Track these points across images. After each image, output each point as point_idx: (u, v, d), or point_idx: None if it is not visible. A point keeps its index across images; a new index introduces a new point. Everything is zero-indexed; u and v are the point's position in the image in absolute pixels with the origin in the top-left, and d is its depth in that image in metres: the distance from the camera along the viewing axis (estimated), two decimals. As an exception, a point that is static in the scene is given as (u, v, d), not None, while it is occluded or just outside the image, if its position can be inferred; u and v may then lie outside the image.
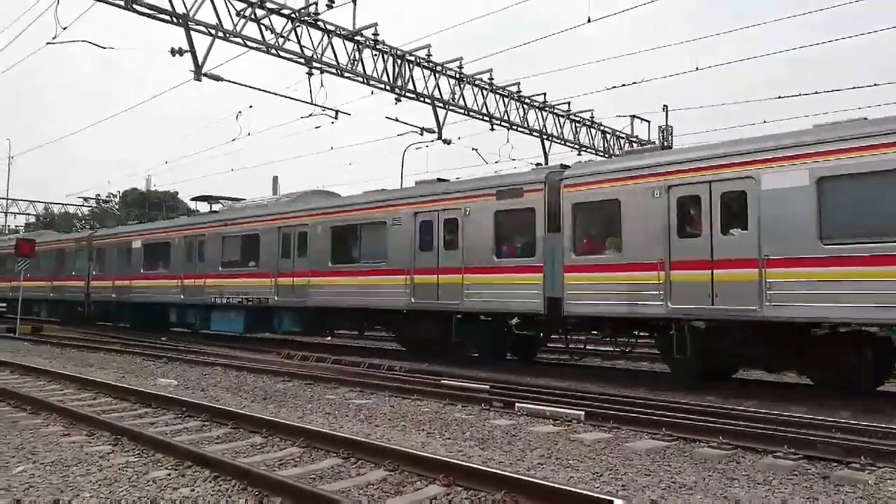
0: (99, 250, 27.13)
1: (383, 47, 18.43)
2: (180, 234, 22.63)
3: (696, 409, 9.02)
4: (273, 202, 20.38)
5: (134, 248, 24.91)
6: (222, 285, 20.35)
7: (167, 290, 22.69)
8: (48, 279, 29.88)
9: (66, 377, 12.12)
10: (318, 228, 17.61)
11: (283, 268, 18.41)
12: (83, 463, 6.31)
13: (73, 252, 28.82)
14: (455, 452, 6.83)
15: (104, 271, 26.47)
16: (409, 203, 15.50)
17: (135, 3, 14.09)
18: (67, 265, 29.09)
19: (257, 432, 7.53)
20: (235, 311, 20.21)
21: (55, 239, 31.81)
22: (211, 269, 20.94)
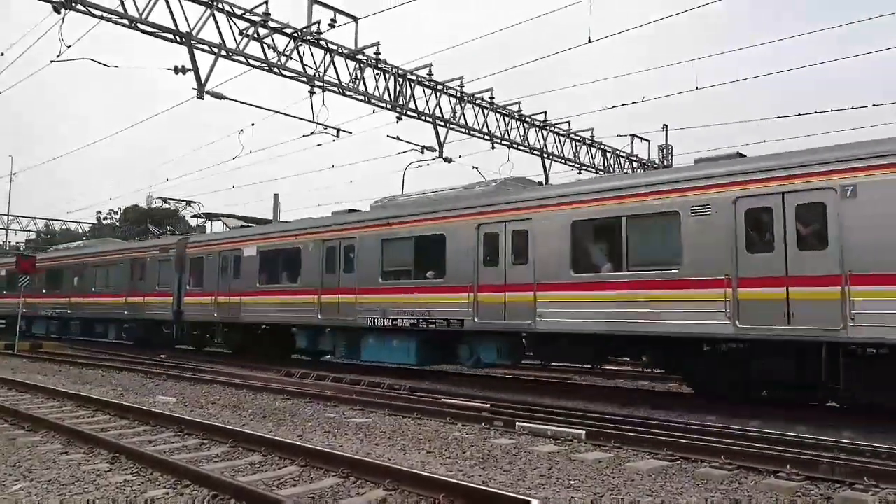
0: (194, 259, 22.48)
1: (385, 66, 18.55)
2: (316, 238, 18.00)
3: (697, 429, 8.97)
4: (466, 192, 15.95)
5: (246, 257, 20.26)
6: (384, 302, 15.84)
7: (296, 308, 18.23)
8: (121, 294, 25.47)
9: (64, 394, 12.06)
10: (549, 225, 13.11)
11: (486, 278, 14.05)
12: (81, 481, 6.26)
13: (157, 262, 24.01)
14: (455, 472, 6.78)
15: (202, 285, 21.79)
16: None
17: (139, 23, 14.20)
18: (149, 278, 24.26)
19: (256, 451, 7.48)
20: (403, 337, 15.77)
21: (130, 247, 26.98)
22: (365, 283, 16.46)
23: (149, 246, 25.32)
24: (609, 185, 12.67)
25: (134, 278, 25.12)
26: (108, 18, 13.96)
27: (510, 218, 13.82)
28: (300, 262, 18.34)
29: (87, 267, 28.23)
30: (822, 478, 6.51)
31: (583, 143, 25.99)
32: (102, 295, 26.76)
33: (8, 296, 31.85)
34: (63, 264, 29.99)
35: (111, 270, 26.67)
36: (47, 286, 30.31)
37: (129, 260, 25.75)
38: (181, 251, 23.00)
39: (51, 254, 32.58)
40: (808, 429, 9.28)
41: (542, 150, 24.26)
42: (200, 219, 29.42)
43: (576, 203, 12.78)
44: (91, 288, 27.38)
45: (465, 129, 21.34)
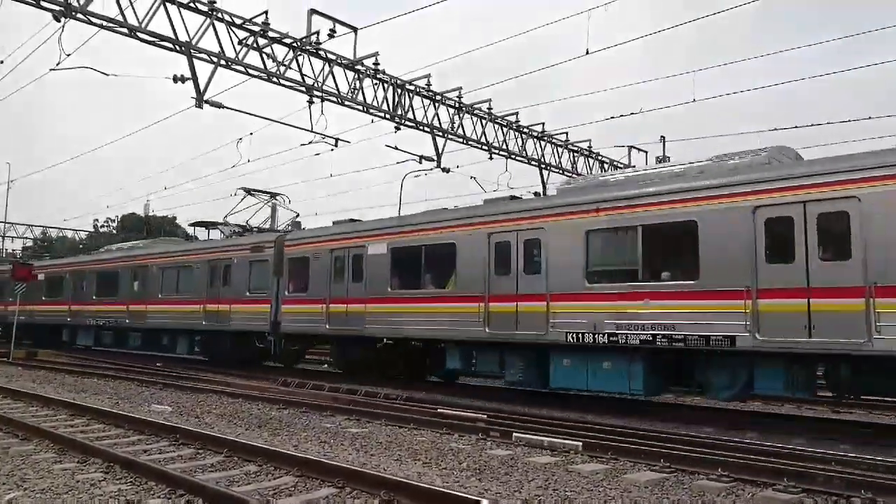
0: (296, 260, 18.86)
1: (383, 76, 18.63)
2: (477, 230, 14.38)
3: (695, 441, 8.96)
4: (718, 165, 12.12)
5: (372, 256, 16.58)
6: (595, 312, 12.17)
7: (449, 319, 14.53)
8: (197, 301, 21.64)
9: (58, 403, 12.00)
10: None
11: (769, 279, 10.35)
12: (75, 490, 6.22)
13: (248, 263, 20.29)
14: (452, 483, 6.75)
15: (307, 290, 18.23)
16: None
17: (139, 31, 14.25)
18: (237, 282, 20.50)
19: (252, 460, 7.44)
20: (621, 359, 12.12)
21: (211, 246, 22.86)
22: (560, 286, 12.76)
23: (237, 245, 21.15)
24: None
25: (215, 283, 21.15)
26: (107, 27, 14.01)
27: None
28: (454, 261, 14.69)
29: (150, 270, 24.29)
30: (820, 490, 6.50)
31: (580, 153, 26.07)
32: (173, 302, 22.80)
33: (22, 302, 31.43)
34: (118, 266, 26.08)
35: (184, 273, 22.76)
36: (98, 291, 27.00)
37: (208, 261, 21.66)
38: (279, 250, 19.30)
39: (102, 255, 29.27)
40: (806, 441, 9.26)
41: (540, 161, 24.34)
42: (199, 227, 29.24)
43: None
44: (157, 294, 23.56)
45: (464, 139, 21.43)
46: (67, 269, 29.95)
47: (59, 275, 30.23)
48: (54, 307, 29.53)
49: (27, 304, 29.78)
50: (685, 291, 11.26)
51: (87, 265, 28.63)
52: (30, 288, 29.77)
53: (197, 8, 15.04)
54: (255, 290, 20.01)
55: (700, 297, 11.03)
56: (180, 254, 23.88)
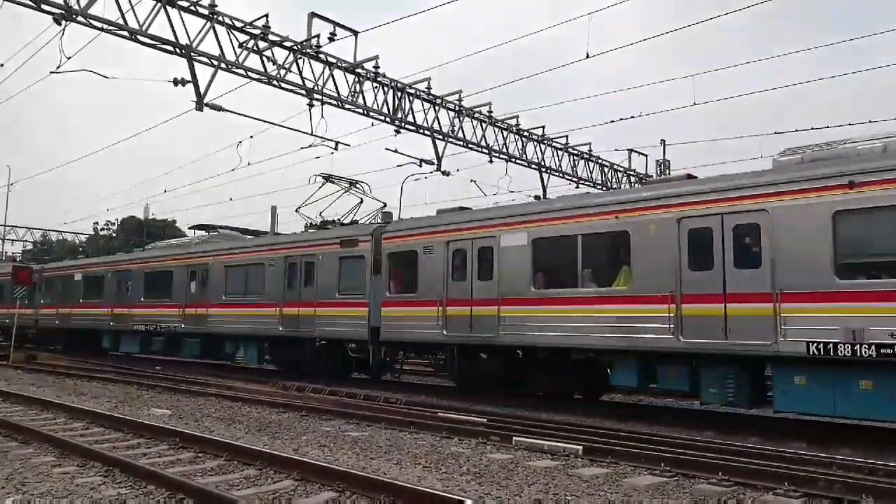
0: (399, 255, 16.04)
1: (384, 80, 18.64)
2: (656, 214, 11.82)
3: (695, 445, 8.94)
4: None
5: (505, 248, 13.78)
6: (850, 315, 9.49)
7: (620, 324, 11.96)
8: (272, 304, 18.93)
9: (58, 406, 11.98)
10: None
11: None
12: (74, 494, 6.20)
13: (337, 260, 17.47)
14: (452, 487, 6.74)
15: (416, 290, 15.39)
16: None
17: (139, 35, 14.26)
18: (323, 281, 17.71)
19: (251, 464, 7.42)
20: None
21: (289, 240, 19.88)
22: (797, 282, 10.10)
23: (322, 239, 18.35)
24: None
25: (295, 282, 18.54)
26: (108, 30, 14.02)
27: None
28: (626, 253, 12.17)
29: (212, 268, 21.46)
30: (821, 494, 6.49)
31: (580, 157, 26.10)
32: (240, 304, 20.12)
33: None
34: (172, 265, 23.31)
35: (254, 272, 19.86)
36: (147, 293, 24.39)
37: (284, 257, 18.92)
38: (377, 244, 16.60)
39: (151, 252, 26.22)
40: (807, 445, 9.24)
41: (540, 164, 24.36)
42: (199, 230, 29.19)
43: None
44: (220, 296, 20.81)
45: (464, 142, 21.45)
46: (109, 268, 27.02)
47: (100, 274, 27.37)
48: (94, 310, 26.85)
49: (61, 307, 28.71)
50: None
51: (134, 264, 25.59)
52: (65, 289, 28.80)
53: (197, 11, 15.06)
54: (346, 290, 17.18)
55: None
56: (250, 250, 20.62)
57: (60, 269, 30.76)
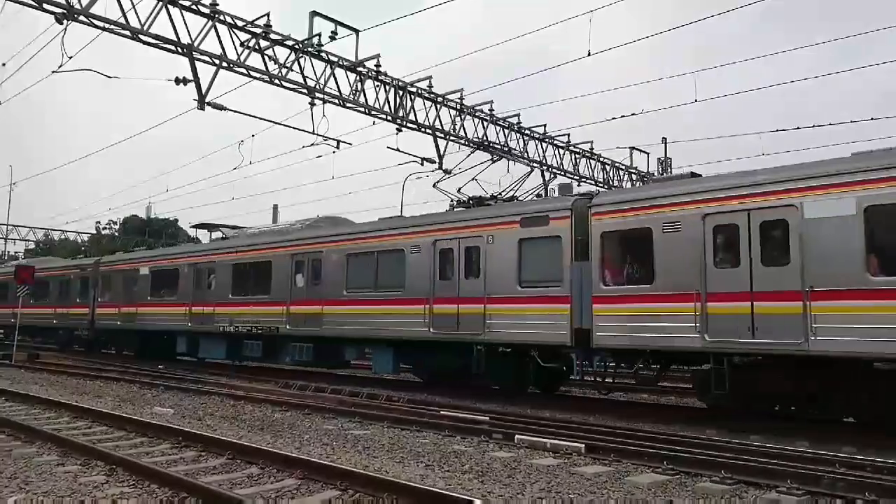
0: (619, 235, 12.63)
1: (385, 78, 18.63)
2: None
3: (697, 443, 8.93)
4: None
5: (812, 221, 10.16)
6: None
7: None
8: (418, 300, 15.28)
9: (61, 405, 12.00)
10: None
11: None
12: (77, 493, 6.22)
13: (514, 243, 13.87)
14: (454, 485, 6.74)
15: (653, 281, 11.84)
16: None
17: (140, 34, 14.26)
18: (494, 271, 14.10)
19: (254, 463, 7.44)
20: None
21: (437, 222, 15.69)
22: None
23: (492, 217, 14.57)
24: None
25: (451, 272, 14.84)
26: (109, 30, 14.02)
27: None
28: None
29: (327, 257, 17.82)
30: (824, 493, 6.48)
31: (582, 155, 26.07)
32: (368, 301, 16.42)
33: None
34: (269, 255, 19.62)
35: (388, 261, 16.26)
36: (236, 288, 20.70)
37: (433, 241, 15.23)
38: (581, 222, 12.97)
39: (238, 240, 22.07)
40: (809, 443, 9.23)
41: (542, 163, 24.33)
42: (201, 229, 29.22)
43: None
44: (340, 291, 17.12)
45: (465, 140, 21.41)
46: (187, 260, 23.07)
47: (173, 268, 23.65)
48: (166, 309, 23.28)
49: (124, 306, 25.32)
50: None
51: (220, 254, 21.77)
52: (129, 284, 25.37)
53: (199, 10, 15.05)
54: (532, 282, 13.58)
55: None
56: (383, 234, 16.79)
57: (123, 263, 27.07)
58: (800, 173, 10.49)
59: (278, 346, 19.43)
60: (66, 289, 29.89)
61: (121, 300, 25.84)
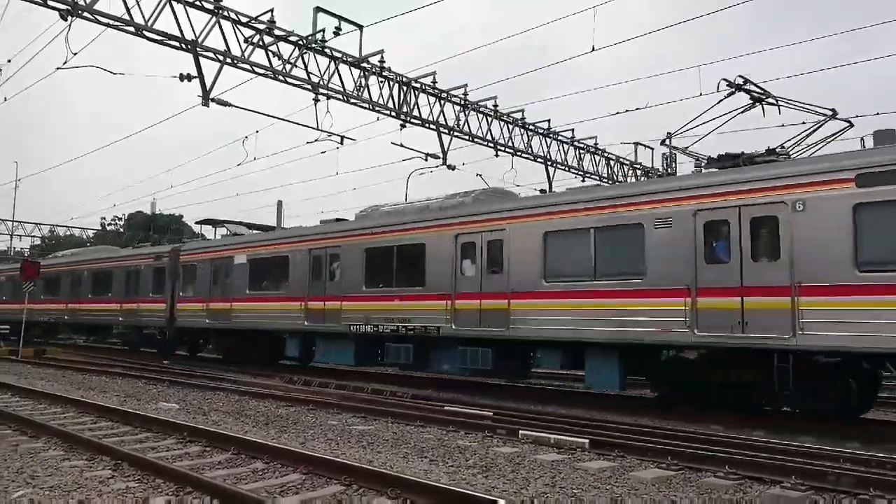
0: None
1: (389, 74, 18.63)
2: None
3: (701, 438, 8.93)
4: None
5: None
6: None
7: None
8: (667, 291, 11.51)
9: (67, 400, 12.06)
10: None
11: None
12: (83, 488, 6.24)
13: (843, 212, 9.80)
14: (458, 480, 6.75)
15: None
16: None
17: (145, 30, 14.28)
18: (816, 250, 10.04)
19: (259, 458, 7.46)
20: None
21: (706, 185, 11.48)
22: None
23: (810, 172, 10.37)
24: None
25: (723, 254, 11.04)
26: (114, 26, 14.05)
27: None
28: None
29: (511, 235, 13.88)
30: (828, 488, 6.47)
31: (586, 150, 26.03)
32: (579, 293, 12.64)
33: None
34: (420, 236, 15.68)
35: (612, 239, 12.50)
36: (371, 278, 16.87)
37: (693, 212, 11.36)
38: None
39: (372, 220, 17.66)
40: (813, 439, 9.22)
41: (546, 158, 24.30)
42: (205, 225, 29.26)
43: None
44: (536, 280, 13.34)
45: (469, 136, 21.42)
46: (299, 245, 19.05)
47: (280, 255, 19.61)
48: (273, 304, 19.41)
49: (214, 301, 21.44)
50: None
51: (347, 237, 17.67)
52: (219, 276, 21.39)
53: (203, 6, 15.07)
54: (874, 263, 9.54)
55: None
56: (603, 203, 12.64)
57: (211, 250, 22.75)
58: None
59: (436, 350, 15.63)
60: (134, 281, 25.64)
61: (209, 294, 21.87)
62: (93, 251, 33.25)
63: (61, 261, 32.25)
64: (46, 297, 30.60)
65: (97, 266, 28.56)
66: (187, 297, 23.03)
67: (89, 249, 35.87)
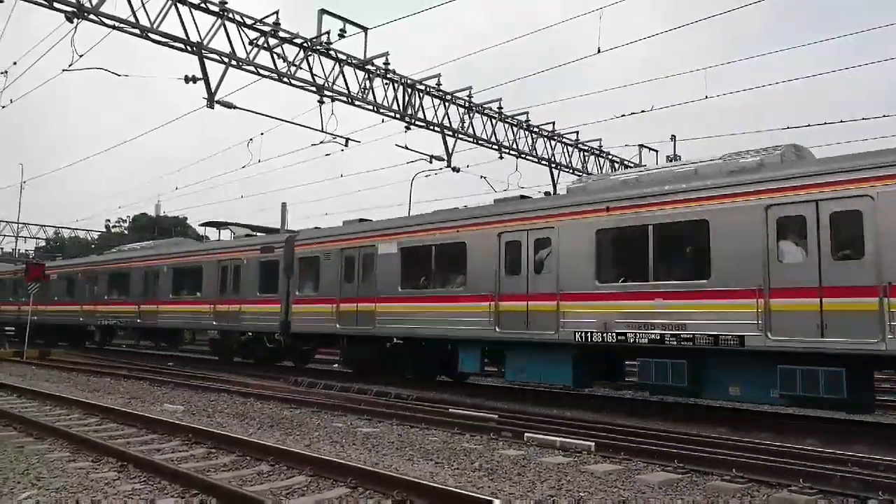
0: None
1: (394, 76, 18.64)
2: None
3: (708, 441, 8.90)
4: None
5: None
6: None
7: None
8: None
9: (72, 402, 12.07)
10: None
11: None
12: (89, 490, 6.24)
13: None
14: (465, 483, 6.73)
15: None
16: None
17: (150, 32, 14.31)
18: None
19: (264, 460, 7.45)
20: None
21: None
22: None
23: None
24: None
25: None
26: (119, 28, 14.08)
27: None
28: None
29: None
30: (836, 491, 6.44)
31: (591, 153, 26.00)
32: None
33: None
34: (656, 215, 11.64)
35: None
36: (605, 269, 12.61)
37: None
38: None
39: (586, 196, 13.12)
40: (819, 442, 9.19)
41: (551, 160, 24.29)
42: (210, 227, 29.21)
43: None
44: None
45: (474, 138, 21.42)
46: (481, 228, 14.57)
47: (449, 243, 15.30)
48: (443, 306, 15.11)
49: (346, 301, 17.21)
50: None
51: (562, 214, 13.15)
52: (361, 269, 17.07)
53: (208, 8, 15.10)
54: None
55: None
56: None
57: (340, 239, 18.09)
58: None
59: (729, 370, 11.17)
60: (233, 277, 21.27)
61: (339, 292, 17.55)
62: (171, 243, 28.62)
63: (129, 255, 27.61)
64: (110, 297, 27.17)
65: (182, 261, 24.08)
66: (305, 297, 18.73)
67: (166, 242, 29.99)
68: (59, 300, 30.26)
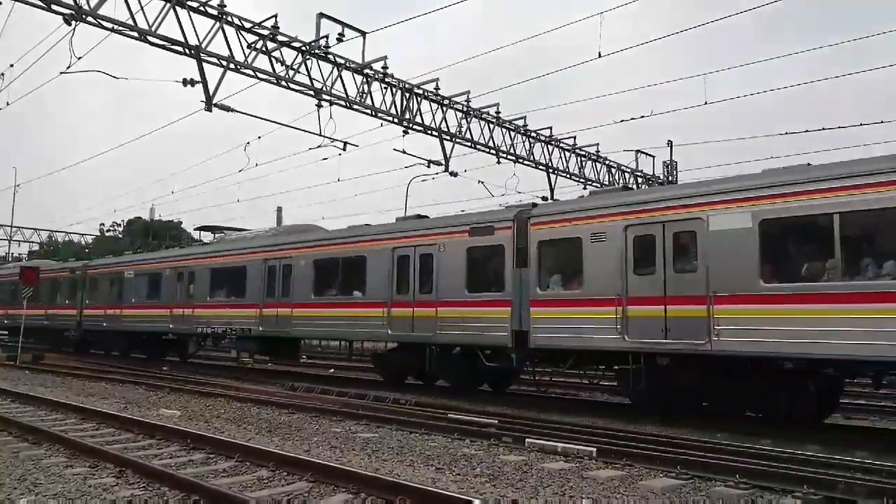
0: None
1: (392, 80, 18.60)
2: None
3: (709, 447, 8.86)
4: None
5: None
6: None
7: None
8: None
9: (67, 407, 11.96)
10: None
11: None
12: (87, 496, 6.16)
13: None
14: (467, 489, 6.68)
15: None
16: None
17: (149, 35, 14.25)
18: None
19: (264, 465, 7.38)
20: None
21: None
22: None
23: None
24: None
25: None
26: (118, 31, 14.00)
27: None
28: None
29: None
30: (840, 498, 6.41)
31: (588, 158, 26.02)
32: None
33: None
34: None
35: None
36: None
37: None
38: None
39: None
40: (821, 448, 9.15)
41: (548, 165, 24.29)
42: (205, 231, 29.11)
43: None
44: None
45: (471, 143, 21.38)
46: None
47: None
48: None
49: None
50: None
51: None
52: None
53: (206, 12, 15.03)
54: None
55: None
56: None
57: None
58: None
59: None
60: (423, 270, 15.92)
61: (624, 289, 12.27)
62: (305, 229, 22.39)
63: (244, 245, 21.89)
64: (214, 298, 21.93)
65: (331, 250, 18.50)
66: (553, 298, 13.40)
67: (295, 227, 23.47)
68: (137, 303, 25.55)
